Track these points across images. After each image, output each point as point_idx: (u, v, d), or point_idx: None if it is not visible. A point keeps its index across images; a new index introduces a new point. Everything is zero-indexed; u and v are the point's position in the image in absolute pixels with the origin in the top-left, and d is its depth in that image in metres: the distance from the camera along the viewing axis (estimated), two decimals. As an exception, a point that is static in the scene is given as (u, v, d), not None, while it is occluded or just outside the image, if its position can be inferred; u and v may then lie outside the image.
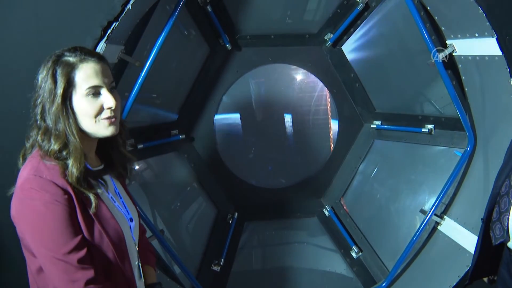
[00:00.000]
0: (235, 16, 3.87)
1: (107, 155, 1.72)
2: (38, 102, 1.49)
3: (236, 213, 4.37)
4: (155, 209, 3.80)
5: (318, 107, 4.55)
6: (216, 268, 4.09)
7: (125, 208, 1.71)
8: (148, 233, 3.14)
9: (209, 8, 3.60)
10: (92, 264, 1.46)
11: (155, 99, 3.87)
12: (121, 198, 1.71)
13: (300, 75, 4.42)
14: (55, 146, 1.47)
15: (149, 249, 2.00)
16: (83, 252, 1.44)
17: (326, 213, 4.50)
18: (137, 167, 3.73)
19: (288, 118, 4.50)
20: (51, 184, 1.42)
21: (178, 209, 4.16)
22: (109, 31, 2.40)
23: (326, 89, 4.37)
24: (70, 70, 1.48)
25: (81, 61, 1.50)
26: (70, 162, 1.46)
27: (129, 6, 2.42)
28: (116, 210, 1.63)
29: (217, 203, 4.38)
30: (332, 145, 4.51)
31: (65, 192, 1.43)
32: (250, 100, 4.43)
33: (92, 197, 1.48)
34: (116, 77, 2.90)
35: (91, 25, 2.37)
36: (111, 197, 1.64)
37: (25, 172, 1.46)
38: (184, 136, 4.03)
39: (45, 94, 1.47)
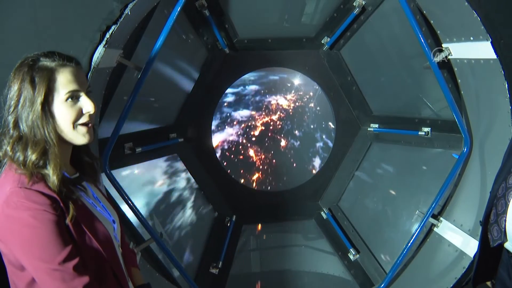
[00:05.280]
0: (233, 20, 3.88)
1: (78, 161, 1.70)
2: (11, 111, 1.44)
3: (234, 216, 4.38)
4: (154, 212, 3.80)
5: (315, 110, 4.57)
6: (215, 271, 4.10)
7: (106, 211, 1.70)
8: (147, 236, 3.15)
9: (206, 12, 3.61)
10: (86, 270, 1.45)
11: (154, 102, 3.88)
12: (100, 202, 1.70)
13: (297, 78, 4.44)
14: (32, 156, 1.42)
15: (130, 250, 1.98)
16: (77, 259, 1.42)
17: (324, 215, 4.51)
18: (136, 170, 3.73)
19: (285, 121, 4.52)
20: (39, 195, 1.38)
21: (176, 212, 4.17)
22: (107, 35, 2.41)
23: (323, 92, 4.39)
24: (49, 75, 1.44)
25: (61, 66, 1.47)
26: (49, 170, 1.43)
27: (127, 10, 2.43)
28: (99, 214, 1.62)
29: (215, 206, 4.39)
30: (330, 148, 4.52)
31: (53, 201, 1.40)
32: (247, 104, 4.45)
33: (71, 206, 1.44)
34: (115, 81, 2.93)
35: (90, 29, 2.38)
36: (92, 203, 1.63)
37: (7, 186, 1.40)
38: (182, 139, 4.04)
39: (21, 101, 1.42)
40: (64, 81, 1.47)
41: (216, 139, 4.30)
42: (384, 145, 4.31)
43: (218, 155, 4.30)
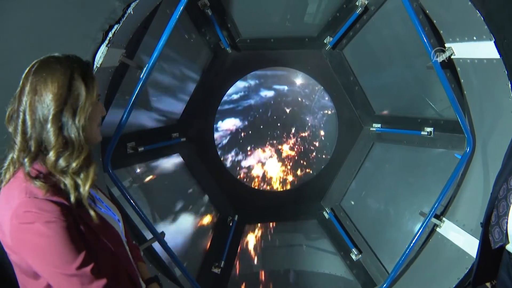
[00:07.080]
0: (235, 19, 3.88)
1: None
2: (63, 115, 1.41)
3: (237, 216, 4.38)
4: (156, 211, 3.80)
5: (318, 110, 4.56)
6: (217, 271, 4.10)
7: (110, 210, 1.71)
8: (149, 235, 3.15)
9: (209, 11, 3.62)
10: (102, 272, 1.46)
11: (156, 102, 3.88)
12: (103, 202, 1.71)
13: (299, 78, 4.43)
14: (76, 162, 1.41)
15: (134, 245, 2.00)
16: (92, 263, 1.43)
17: (326, 215, 4.50)
18: (138, 169, 3.74)
19: (287, 121, 4.51)
20: (48, 203, 1.37)
21: (179, 211, 4.17)
22: (110, 35, 2.42)
23: (326, 92, 4.39)
24: (92, 75, 1.50)
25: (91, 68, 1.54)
26: (81, 177, 1.43)
27: (130, 10, 2.43)
28: (107, 215, 1.63)
29: (218, 205, 4.39)
30: (332, 148, 4.52)
31: (63, 207, 1.39)
32: (250, 103, 4.45)
33: (91, 210, 1.46)
34: (117, 80, 2.94)
35: (92, 28, 2.38)
36: (97, 205, 1.64)
37: (15, 197, 1.38)
38: (184, 138, 4.05)
39: (71, 102, 1.41)
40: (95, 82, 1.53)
41: (218, 139, 4.29)
42: (387, 145, 4.30)
43: (220, 154, 4.30)
